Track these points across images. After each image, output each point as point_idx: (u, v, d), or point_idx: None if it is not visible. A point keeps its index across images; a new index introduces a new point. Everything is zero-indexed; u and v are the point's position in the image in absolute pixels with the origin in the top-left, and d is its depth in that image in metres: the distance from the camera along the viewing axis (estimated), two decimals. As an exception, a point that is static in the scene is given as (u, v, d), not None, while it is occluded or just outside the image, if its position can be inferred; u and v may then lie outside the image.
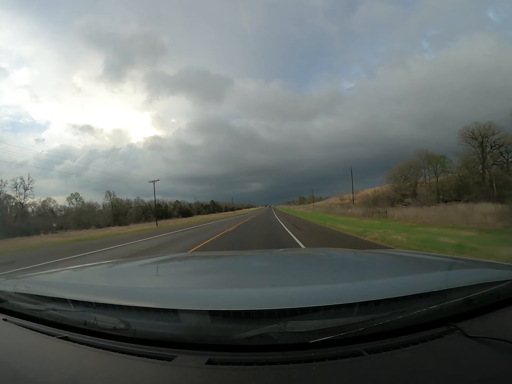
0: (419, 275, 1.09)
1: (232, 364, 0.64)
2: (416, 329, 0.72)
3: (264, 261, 1.76)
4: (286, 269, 1.45)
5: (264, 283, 1.08)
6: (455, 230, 10.56)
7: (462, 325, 0.71)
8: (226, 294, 0.87)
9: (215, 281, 1.19)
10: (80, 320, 0.83)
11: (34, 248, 13.98)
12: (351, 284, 0.94)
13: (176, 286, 1.12)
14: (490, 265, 1.29)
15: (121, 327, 0.76)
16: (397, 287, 0.81)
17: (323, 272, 1.32)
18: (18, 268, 6.12)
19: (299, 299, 0.76)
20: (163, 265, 1.69)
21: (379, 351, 0.65)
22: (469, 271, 1.10)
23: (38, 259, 8.55)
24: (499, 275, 0.93)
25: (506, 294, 0.82)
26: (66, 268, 1.65)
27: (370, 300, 0.73)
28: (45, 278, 1.33)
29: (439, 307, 0.74)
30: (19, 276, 1.30)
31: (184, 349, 0.70)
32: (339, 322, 0.69)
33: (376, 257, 1.70)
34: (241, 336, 0.68)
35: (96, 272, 1.53)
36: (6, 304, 1.00)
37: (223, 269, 1.55)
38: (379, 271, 1.23)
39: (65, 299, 0.87)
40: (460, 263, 1.34)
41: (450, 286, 0.80)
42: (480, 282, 0.83)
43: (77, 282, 1.26)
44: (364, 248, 6.49)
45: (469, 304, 0.77)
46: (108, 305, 0.82)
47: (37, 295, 0.96)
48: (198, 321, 0.72)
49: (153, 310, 0.76)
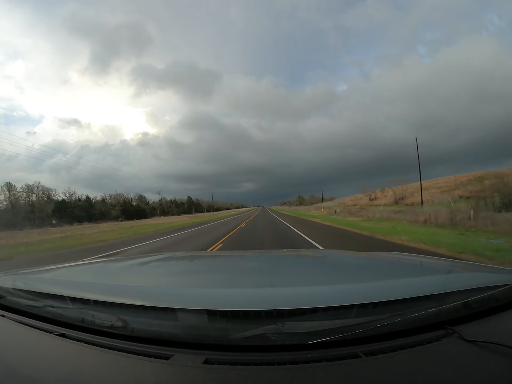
0: (418, 278, 1.09)
1: (229, 364, 0.64)
2: (414, 332, 0.72)
3: (263, 261, 1.76)
4: (284, 269, 1.45)
5: (263, 283, 1.08)
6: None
7: (460, 328, 0.71)
8: (224, 293, 0.87)
9: (213, 280, 1.19)
10: (78, 318, 0.83)
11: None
12: (349, 285, 0.94)
13: (174, 285, 1.12)
14: (489, 269, 1.29)
15: (119, 325, 0.76)
16: (395, 290, 0.81)
17: (321, 273, 1.32)
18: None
19: (297, 300, 0.76)
20: (161, 264, 1.69)
21: (376, 354, 0.65)
22: (468, 274, 1.10)
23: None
24: (498, 279, 0.93)
25: (505, 298, 0.82)
26: (65, 265, 1.65)
27: (368, 302, 0.73)
28: (43, 275, 1.33)
29: (437, 310, 0.74)
30: (17, 272, 1.30)
31: (181, 348, 0.70)
32: (337, 323, 0.69)
33: (375, 259, 1.70)
34: (238, 336, 0.68)
35: (94, 270, 1.53)
36: (4, 300, 1.00)
37: (222, 268, 1.55)
38: (378, 273, 1.23)
39: (63, 296, 0.87)
40: (459, 266, 1.34)
41: (449, 289, 0.80)
42: (478, 286, 0.83)
43: (75, 279, 1.25)
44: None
45: (467, 308, 0.77)
46: (106, 302, 0.82)
47: (35, 292, 0.96)
48: (195, 321, 0.72)
49: (151, 308, 0.76)
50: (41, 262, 7.75)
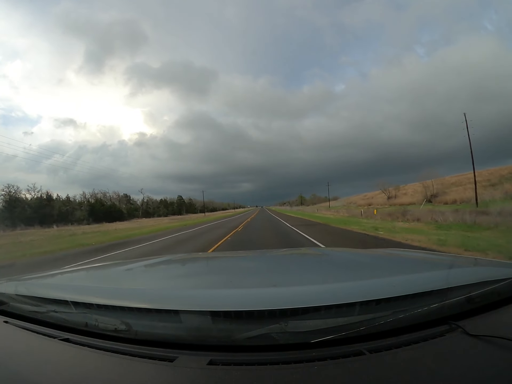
0: (420, 274, 1.09)
1: (233, 364, 0.64)
2: (417, 328, 0.72)
3: (265, 261, 1.76)
4: (287, 269, 1.45)
5: (265, 283, 1.08)
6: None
7: (464, 323, 0.71)
8: (227, 294, 0.86)
9: (216, 281, 1.19)
10: (81, 322, 0.83)
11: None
12: (352, 283, 0.94)
13: (177, 287, 1.12)
14: (491, 263, 1.30)
15: (122, 329, 0.76)
16: (398, 286, 0.81)
17: (323, 271, 1.32)
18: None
19: (300, 299, 0.76)
20: (164, 266, 1.69)
21: (380, 350, 0.65)
22: (470, 269, 1.10)
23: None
24: (501, 273, 0.93)
25: (508, 292, 0.82)
26: (67, 269, 1.65)
27: (371, 300, 0.73)
28: (46, 280, 1.33)
29: (440, 306, 0.74)
30: (20, 278, 1.30)
31: (186, 350, 0.70)
32: (340, 321, 0.69)
33: (377, 256, 1.70)
34: (242, 336, 0.68)
35: (97, 274, 1.53)
36: (7, 306, 0.99)
37: (224, 269, 1.55)
38: (380, 271, 1.23)
39: (66, 301, 0.87)
40: (461, 261, 1.34)
41: (451, 284, 0.80)
42: (481, 281, 0.83)
43: (78, 283, 1.25)
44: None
45: (470, 303, 0.77)
46: (109, 306, 0.82)
47: (38, 297, 0.95)
48: (199, 322, 0.72)
49: (155, 311, 0.76)
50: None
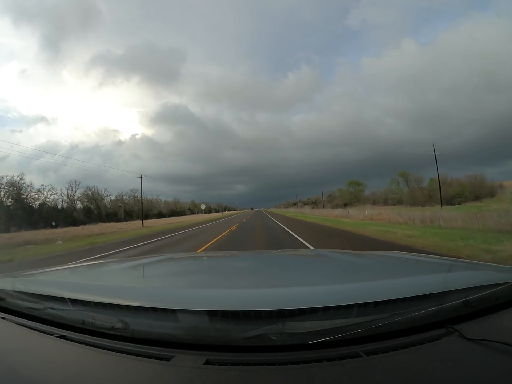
0: (418, 277, 1.09)
1: (230, 364, 0.64)
2: (414, 331, 0.72)
3: (262, 261, 1.76)
4: (285, 269, 1.45)
5: (263, 283, 1.08)
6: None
7: (461, 327, 0.71)
8: (225, 294, 0.86)
9: (214, 281, 1.19)
10: (78, 319, 0.82)
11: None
12: (349, 285, 0.94)
13: (174, 286, 1.12)
14: (489, 267, 1.30)
15: (119, 327, 0.76)
16: (395, 289, 0.81)
17: (322, 273, 1.32)
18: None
19: (297, 300, 0.76)
20: (162, 265, 1.69)
21: (377, 353, 0.65)
22: (468, 273, 1.10)
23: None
24: (498, 277, 0.93)
25: (505, 297, 0.82)
26: (65, 266, 1.65)
27: (368, 302, 0.73)
28: (44, 277, 1.33)
29: (437, 309, 0.74)
30: (17, 274, 1.30)
31: (182, 349, 0.70)
32: (337, 323, 0.69)
33: (375, 258, 1.70)
34: (239, 336, 0.68)
35: (95, 271, 1.53)
36: (4, 303, 0.99)
37: (222, 269, 1.55)
38: (378, 273, 1.23)
39: (64, 298, 0.87)
40: (459, 265, 1.34)
41: (449, 288, 0.80)
42: (479, 285, 0.83)
43: (76, 281, 1.25)
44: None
45: (468, 306, 0.77)
46: (106, 304, 0.82)
47: (36, 294, 0.95)
48: (196, 321, 0.72)
49: (152, 309, 0.76)
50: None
